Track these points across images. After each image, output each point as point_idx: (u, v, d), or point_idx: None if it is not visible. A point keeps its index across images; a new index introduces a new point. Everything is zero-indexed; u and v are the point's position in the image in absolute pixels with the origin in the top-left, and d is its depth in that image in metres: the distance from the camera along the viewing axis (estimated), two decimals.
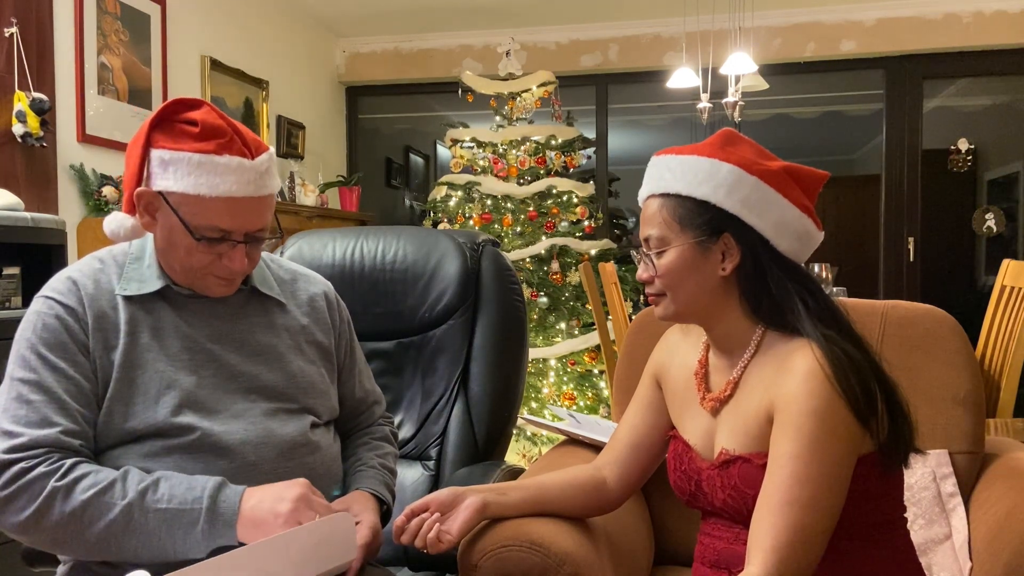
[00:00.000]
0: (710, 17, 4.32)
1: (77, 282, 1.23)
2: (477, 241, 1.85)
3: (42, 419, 1.13)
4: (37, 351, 1.17)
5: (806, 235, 1.16)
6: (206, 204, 1.16)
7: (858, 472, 1.08)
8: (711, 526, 1.22)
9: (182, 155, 1.16)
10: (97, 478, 1.12)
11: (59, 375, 1.16)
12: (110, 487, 1.11)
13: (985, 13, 4.89)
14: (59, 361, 1.17)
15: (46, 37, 3.21)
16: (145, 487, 1.12)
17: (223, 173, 1.16)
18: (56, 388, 1.15)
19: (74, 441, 1.14)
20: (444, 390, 1.78)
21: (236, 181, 1.16)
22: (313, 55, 5.48)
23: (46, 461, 1.11)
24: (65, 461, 1.12)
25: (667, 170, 1.17)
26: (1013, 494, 1.41)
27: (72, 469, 1.12)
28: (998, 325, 2.51)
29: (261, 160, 1.19)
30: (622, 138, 7.35)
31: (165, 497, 1.12)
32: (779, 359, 1.12)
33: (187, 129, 1.18)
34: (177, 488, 1.13)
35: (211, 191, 1.16)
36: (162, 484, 1.13)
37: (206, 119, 1.18)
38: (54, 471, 1.11)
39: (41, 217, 2.66)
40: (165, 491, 1.13)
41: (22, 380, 1.16)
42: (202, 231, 1.18)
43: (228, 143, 1.17)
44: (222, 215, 1.17)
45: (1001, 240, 5.96)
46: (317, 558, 1.12)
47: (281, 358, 1.31)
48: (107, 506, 1.11)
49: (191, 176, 1.15)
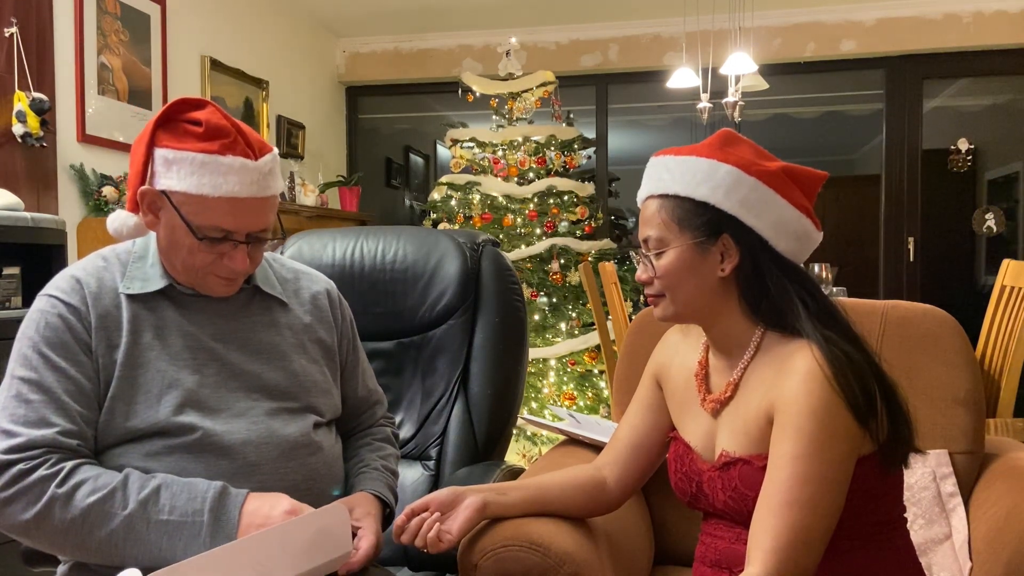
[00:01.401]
0: (710, 17, 4.32)
1: (81, 280, 1.23)
2: (477, 241, 1.85)
3: (40, 419, 1.13)
4: (39, 350, 1.17)
5: (805, 235, 1.16)
6: (209, 204, 1.16)
7: (858, 472, 1.08)
8: (712, 526, 1.22)
9: (186, 155, 1.16)
10: (97, 484, 1.12)
11: (60, 374, 1.16)
12: (111, 495, 1.11)
13: (985, 13, 4.89)
14: (60, 360, 1.17)
15: (46, 37, 3.21)
16: (146, 497, 1.12)
17: (226, 173, 1.16)
18: (56, 388, 1.15)
19: (71, 441, 1.14)
20: (444, 390, 1.78)
21: (239, 181, 1.16)
22: (313, 55, 5.48)
23: (45, 463, 1.11)
24: (64, 464, 1.12)
25: (666, 171, 1.17)
26: (1013, 494, 1.41)
27: (71, 474, 1.11)
28: (998, 325, 2.50)
29: (265, 161, 1.19)
30: (622, 138, 7.35)
31: (166, 508, 1.12)
32: (779, 360, 1.12)
33: (191, 129, 1.18)
34: (178, 498, 1.13)
35: (214, 191, 1.15)
36: (163, 493, 1.13)
37: (210, 119, 1.18)
38: (53, 475, 1.11)
39: (41, 217, 2.66)
40: (166, 501, 1.12)
41: (22, 379, 1.16)
42: (204, 231, 1.18)
43: (232, 143, 1.17)
44: (225, 215, 1.17)
45: (1001, 240, 5.95)
46: (313, 550, 1.13)
47: (284, 357, 1.31)
48: (108, 515, 1.11)
49: (194, 176, 1.15)
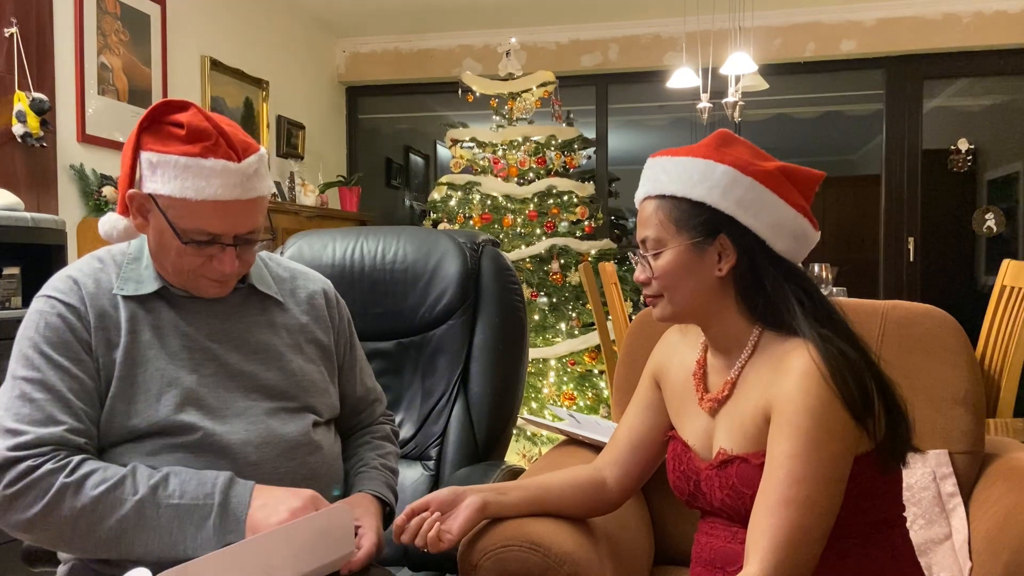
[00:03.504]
0: (710, 17, 4.32)
1: (78, 281, 1.23)
2: (477, 241, 1.85)
3: (47, 417, 1.14)
4: (40, 349, 1.17)
5: (802, 235, 1.16)
6: (192, 207, 1.16)
7: (856, 471, 1.08)
8: (709, 525, 1.22)
9: (169, 158, 1.16)
10: (106, 474, 1.12)
11: (63, 373, 1.16)
12: (121, 483, 1.12)
13: (985, 13, 4.89)
14: (63, 359, 1.17)
15: (46, 37, 3.21)
16: (156, 483, 1.13)
17: (208, 176, 1.15)
18: (60, 386, 1.15)
19: (79, 439, 1.15)
20: (444, 390, 1.77)
21: (222, 184, 1.16)
22: (313, 55, 5.48)
23: (53, 458, 1.12)
24: (72, 458, 1.13)
25: (663, 172, 1.17)
26: (1013, 494, 1.41)
27: (80, 466, 1.12)
28: (998, 325, 2.50)
29: (248, 163, 1.18)
30: (622, 138, 7.35)
31: (177, 492, 1.13)
32: (776, 359, 1.12)
33: (174, 131, 1.17)
34: (188, 484, 1.14)
35: (197, 194, 1.15)
36: (172, 479, 1.14)
37: (191, 121, 1.17)
38: (62, 468, 1.11)
39: (41, 217, 2.66)
40: (176, 487, 1.13)
41: (25, 379, 1.16)
42: (190, 234, 1.18)
43: (213, 146, 1.16)
44: (209, 218, 1.17)
45: (1001, 240, 5.95)
46: (316, 551, 1.13)
47: (280, 357, 1.31)
48: (119, 501, 1.11)
49: (177, 179, 1.15)
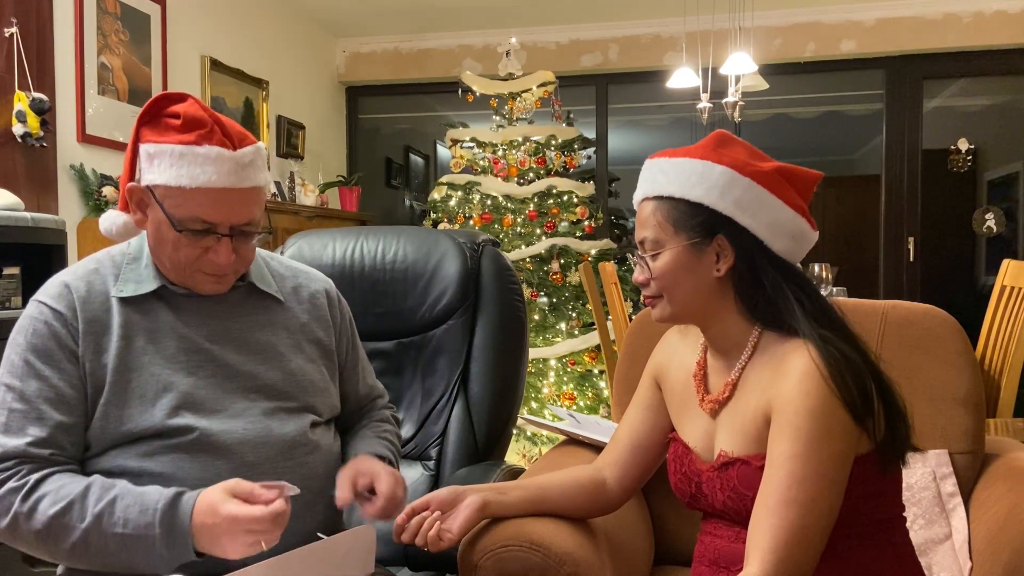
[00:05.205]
0: (710, 17, 4.32)
1: (70, 286, 1.23)
2: (477, 241, 1.85)
3: (18, 428, 1.15)
4: (24, 357, 1.18)
5: (801, 235, 1.16)
6: (187, 195, 1.16)
7: (856, 471, 1.08)
8: (712, 525, 1.22)
9: (165, 147, 1.16)
10: (58, 496, 1.11)
11: (42, 383, 1.17)
12: (69, 508, 1.11)
13: (985, 13, 4.90)
14: (44, 368, 1.17)
15: (46, 37, 3.21)
16: (101, 510, 1.11)
17: (203, 163, 1.16)
18: (36, 398, 1.16)
19: (43, 451, 1.15)
20: (444, 390, 1.77)
21: (216, 171, 1.16)
22: (313, 55, 5.48)
23: (16, 475, 1.13)
24: (30, 477, 1.13)
25: (661, 173, 1.17)
26: (1013, 494, 1.41)
27: (36, 487, 1.12)
28: (998, 325, 2.50)
29: (244, 152, 1.19)
30: (622, 138, 7.35)
31: (120, 522, 1.10)
32: (776, 360, 1.12)
33: (171, 122, 1.18)
34: (131, 510, 1.11)
35: (191, 182, 1.16)
36: (118, 505, 1.11)
37: (188, 111, 1.18)
38: (19, 489, 1.12)
39: (41, 217, 2.66)
40: (120, 515, 1.11)
41: (8, 386, 1.18)
42: (185, 223, 1.18)
43: (208, 134, 1.17)
44: (204, 206, 1.17)
45: (1001, 240, 5.95)
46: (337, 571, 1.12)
47: (280, 356, 1.31)
48: (68, 528, 1.11)
49: (173, 168, 1.16)
